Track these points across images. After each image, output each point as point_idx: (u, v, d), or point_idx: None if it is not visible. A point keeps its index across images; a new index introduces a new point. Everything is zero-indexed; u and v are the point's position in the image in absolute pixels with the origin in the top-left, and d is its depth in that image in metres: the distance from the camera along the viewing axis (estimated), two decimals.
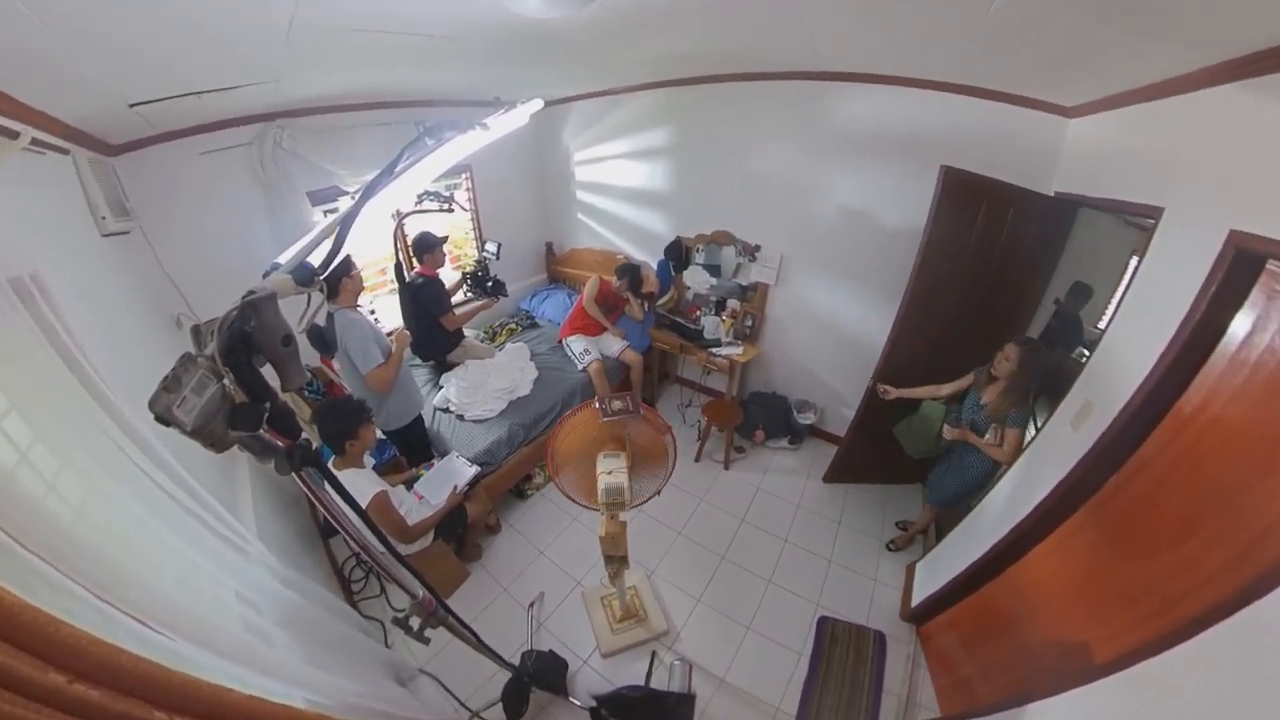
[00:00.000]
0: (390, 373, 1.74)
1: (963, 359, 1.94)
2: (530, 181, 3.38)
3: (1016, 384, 1.51)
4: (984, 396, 1.65)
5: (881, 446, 2.25)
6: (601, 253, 3.28)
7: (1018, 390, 1.51)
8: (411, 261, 2.52)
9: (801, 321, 2.65)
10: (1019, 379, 1.51)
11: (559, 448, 1.36)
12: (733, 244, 2.66)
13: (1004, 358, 1.55)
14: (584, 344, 2.77)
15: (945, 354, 2.03)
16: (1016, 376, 1.51)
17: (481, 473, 2.04)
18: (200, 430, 0.47)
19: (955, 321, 2.02)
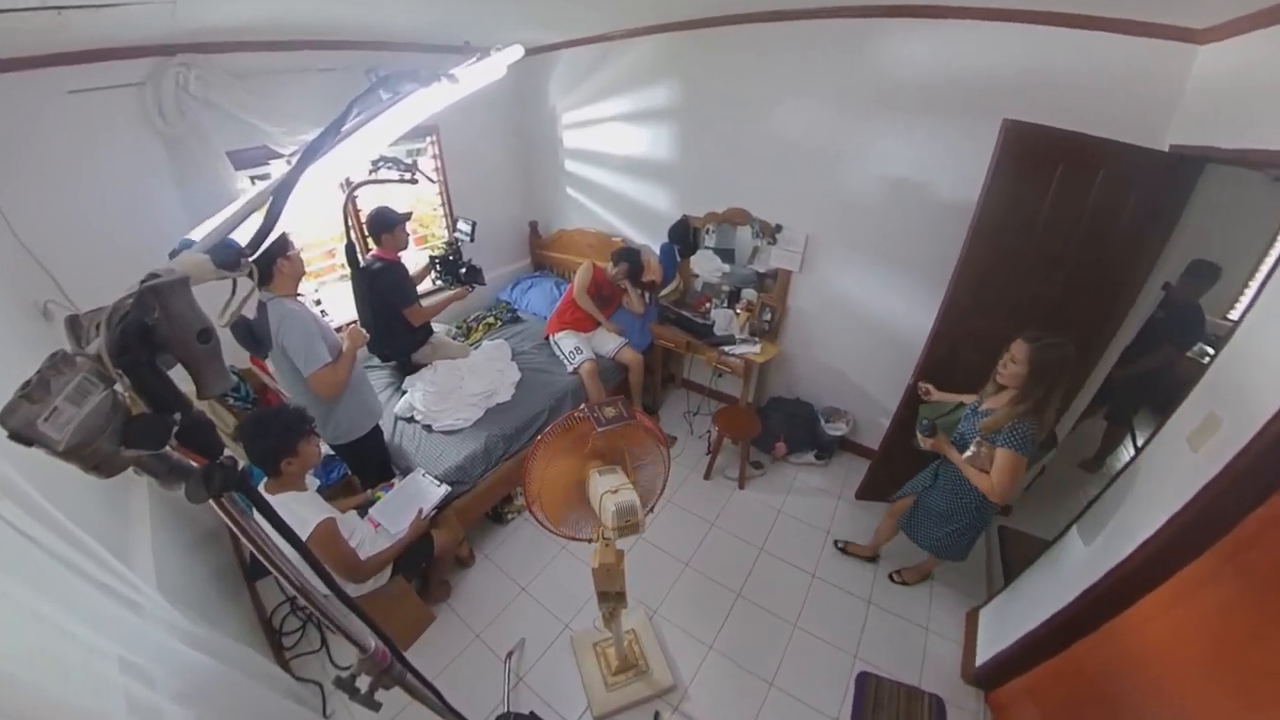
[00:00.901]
0: (340, 374, 1.68)
1: None
2: (510, 149, 3.31)
3: (1029, 392, 1.38)
4: (985, 402, 1.55)
5: (929, 458, 2.24)
6: (595, 235, 3.24)
7: (1030, 400, 1.38)
8: (367, 243, 2.47)
9: (830, 315, 2.60)
10: (1031, 386, 1.38)
11: (542, 472, 1.30)
12: (749, 224, 2.61)
13: (1010, 359, 1.43)
14: (574, 341, 2.75)
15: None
16: (1028, 383, 1.38)
17: (452, 494, 2.00)
18: (79, 450, 0.42)
19: (1019, 312, 1.87)
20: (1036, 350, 1.38)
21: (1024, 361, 1.39)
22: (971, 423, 1.56)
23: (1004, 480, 1.40)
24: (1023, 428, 1.38)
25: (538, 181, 3.49)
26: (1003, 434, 1.41)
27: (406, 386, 2.46)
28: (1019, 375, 1.40)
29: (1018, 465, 1.39)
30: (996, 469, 1.41)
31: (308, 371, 1.62)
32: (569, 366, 2.69)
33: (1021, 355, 1.40)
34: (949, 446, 1.57)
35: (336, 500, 1.88)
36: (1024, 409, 1.38)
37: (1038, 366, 1.37)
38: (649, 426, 1.32)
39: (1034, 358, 1.38)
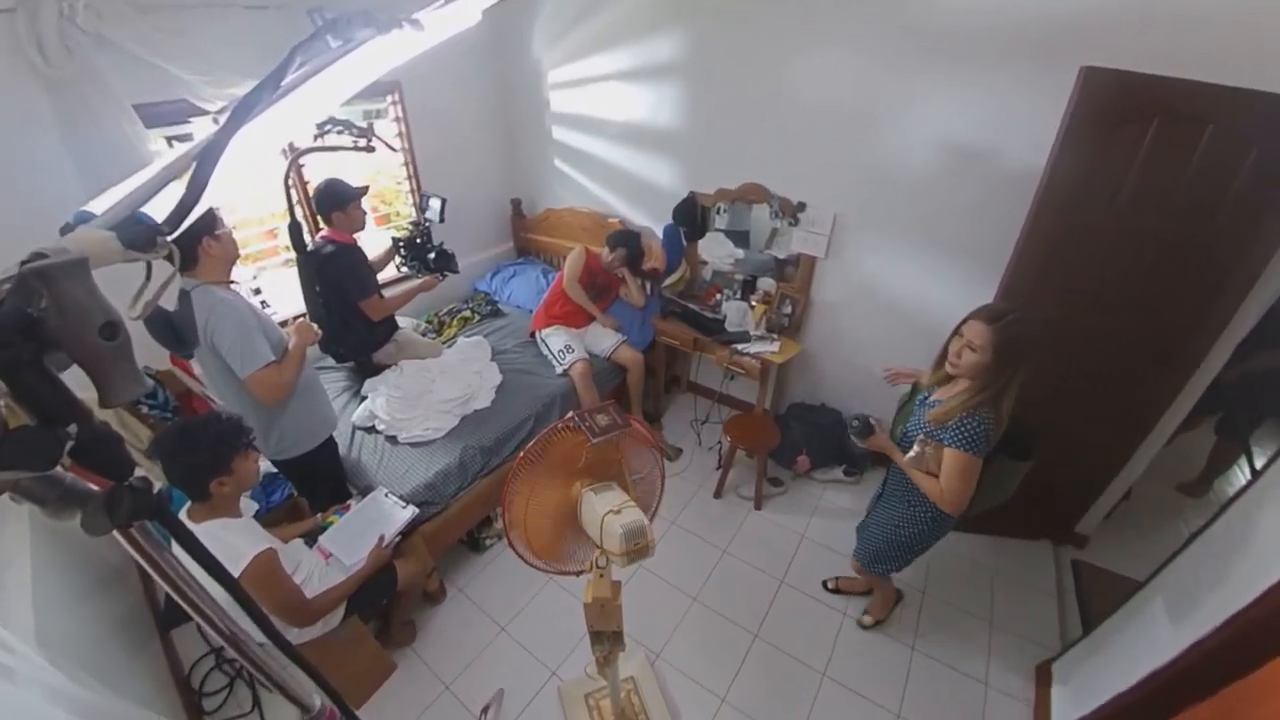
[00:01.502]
0: (286, 375, 1.64)
1: (1111, 358, 1.75)
2: (487, 112, 3.28)
3: (989, 381, 1.32)
4: (934, 391, 1.50)
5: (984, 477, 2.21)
6: (588, 215, 3.22)
7: (989, 390, 1.32)
8: (316, 222, 2.43)
9: (861, 307, 2.56)
10: (994, 375, 1.31)
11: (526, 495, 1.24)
12: (766, 202, 2.58)
13: (965, 345, 1.34)
14: (565, 338, 2.75)
15: (1081, 352, 1.86)
16: (991, 372, 1.31)
17: (420, 517, 1.98)
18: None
19: (1093, 301, 1.79)
20: (1000, 330, 1.29)
21: (985, 348, 1.31)
22: (919, 414, 1.49)
23: (954, 485, 1.34)
24: (974, 422, 1.31)
25: (521, 152, 3.45)
26: (950, 429, 1.34)
27: (367, 391, 2.44)
28: (978, 365, 1.32)
29: (969, 467, 1.33)
30: (945, 473, 1.35)
31: (246, 372, 1.57)
32: (558, 367, 2.68)
33: (982, 340, 1.31)
34: (892, 446, 1.51)
35: (279, 527, 1.84)
36: (979, 399, 1.33)
37: (1004, 350, 1.29)
38: (643, 434, 1.31)
39: (999, 340, 1.29)
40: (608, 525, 1.18)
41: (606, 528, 1.18)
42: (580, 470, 1.30)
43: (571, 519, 1.31)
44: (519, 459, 1.23)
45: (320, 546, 1.78)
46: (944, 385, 1.48)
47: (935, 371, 1.48)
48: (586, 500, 1.26)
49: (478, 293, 3.43)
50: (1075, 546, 2.41)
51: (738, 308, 2.78)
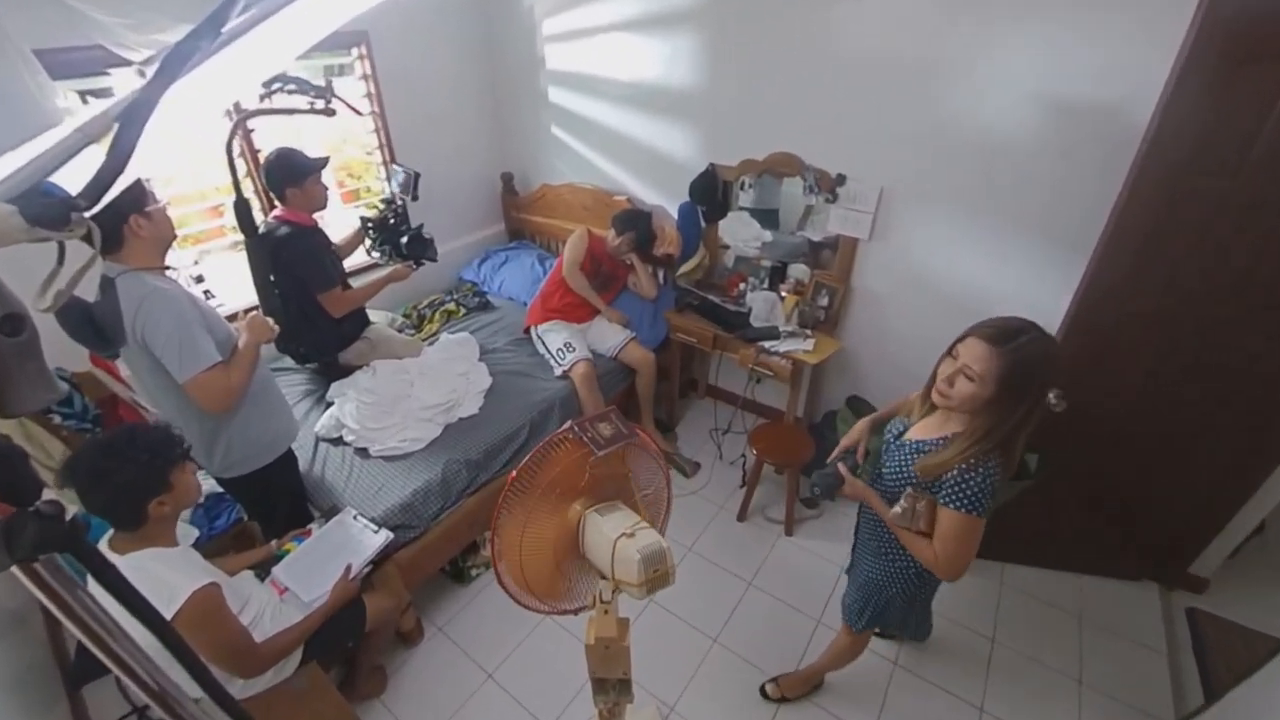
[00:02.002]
0: (234, 378, 1.62)
1: (1232, 357, 1.66)
2: (473, 70, 3.27)
3: (999, 418, 1.22)
4: (914, 426, 1.42)
5: (1068, 502, 2.06)
6: (591, 192, 3.22)
7: (998, 432, 1.23)
8: (269, 198, 2.45)
9: (912, 297, 2.51)
10: (1001, 410, 1.21)
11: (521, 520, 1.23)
12: (800, 175, 2.53)
13: (960, 371, 1.23)
14: (564, 335, 2.75)
15: (1194, 349, 1.77)
16: (995, 411, 1.22)
17: (395, 543, 1.96)
18: None
19: (1210, 291, 1.69)
20: (1008, 356, 1.17)
21: (987, 377, 1.19)
22: (897, 457, 1.40)
23: (952, 550, 1.27)
24: (978, 477, 1.22)
25: (512, 118, 3.44)
26: (948, 485, 1.25)
27: (333, 396, 2.43)
28: (976, 398, 1.22)
29: (971, 530, 1.25)
30: (941, 536, 1.27)
31: (187, 375, 1.54)
32: (557, 369, 2.69)
33: (983, 366, 1.19)
34: (873, 496, 1.43)
35: (224, 558, 1.82)
36: (983, 449, 1.23)
37: (1012, 382, 1.18)
38: (649, 444, 1.31)
39: (1005, 369, 1.18)
40: (621, 551, 1.17)
41: (620, 554, 1.17)
42: (582, 489, 1.28)
43: (572, 547, 1.29)
44: (511, 476, 1.22)
45: (274, 579, 1.75)
46: (925, 419, 1.39)
47: (922, 403, 1.39)
48: (591, 524, 1.24)
49: (463, 282, 3.44)
50: (1190, 591, 2.32)
51: (765, 299, 2.76)
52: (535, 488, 1.23)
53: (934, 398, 1.30)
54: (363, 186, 3.08)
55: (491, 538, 1.24)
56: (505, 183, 3.57)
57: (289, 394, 2.45)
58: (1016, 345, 1.17)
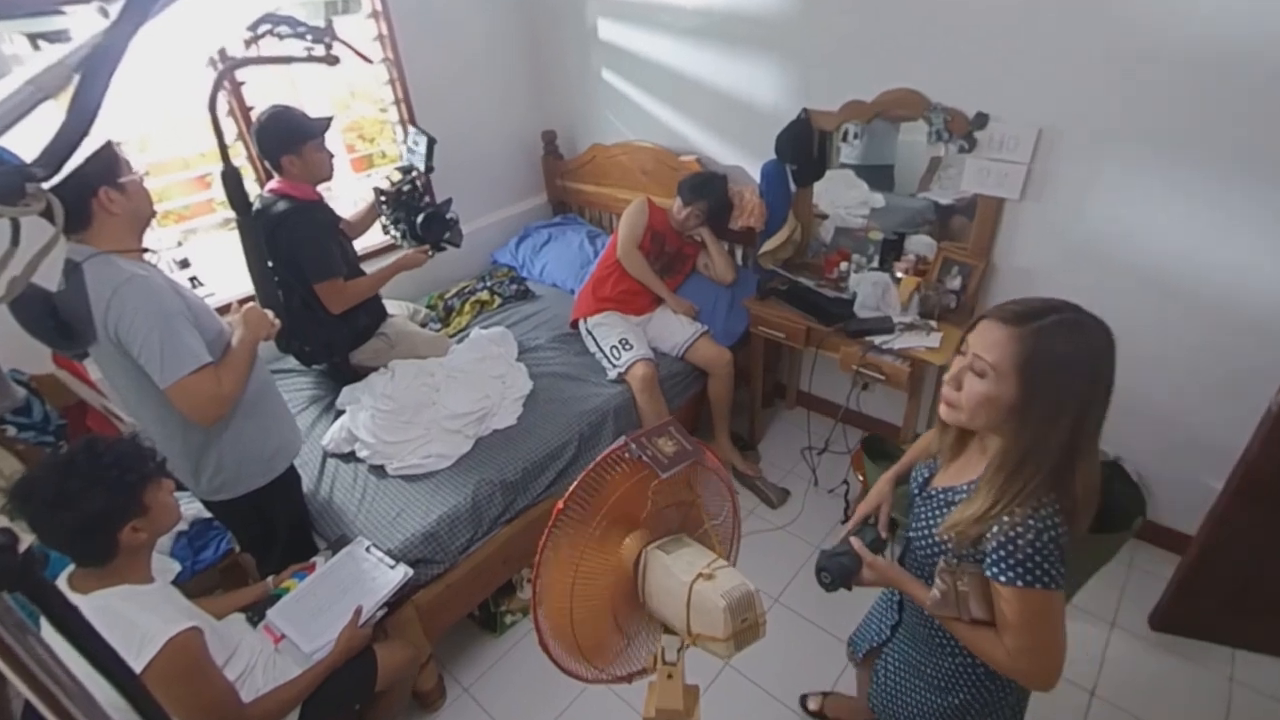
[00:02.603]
0: (226, 384, 1.64)
1: None
2: (506, 6, 3.29)
3: (1030, 437, 1.11)
4: (941, 469, 1.33)
5: None
6: (651, 152, 3.20)
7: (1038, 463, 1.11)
8: (264, 167, 2.44)
9: (1085, 277, 2.38)
10: (1037, 419, 1.11)
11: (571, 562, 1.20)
12: (924, 118, 2.44)
13: (970, 366, 1.16)
14: (620, 330, 2.76)
15: None
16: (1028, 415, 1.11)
17: (414, 581, 1.95)
18: None
19: None
20: (1034, 337, 1.08)
21: (1005, 368, 1.10)
22: (924, 514, 1.31)
23: (1027, 644, 1.13)
24: (1029, 532, 1.09)
25: (554, 63, 3.44)
26: (996, 554, 1.12)
27: (344, 404, 2.46)
28: (992, 401, 1.12)
29: (1045, 613, 1.11)
30: (1006, 625, 1.14)
31: (170, 379, 1.55)
32: (611, 371, 2.69)
33: (998, 354, 1.10)
34: (906, 578, 1.31)
35: (209, 597, 1.81)
36: (1025, 484, 1.10)
37: (1044, 372, 1.08)
38: (713, 461, 1.31)
39: (1030, 355, 1.08)
40: (700, 597, 1.12)
41: (698, 601, 1.13)
42: (644, 520, 1.25)
43: (628, 593, 1.25)
44: (559, 506, 1.19)
45: (269, 625, 1.75)
46: (961, 456, 1.28)
47: (942, 431, 1.30)
48: (655, 564, 1.20)
49: (498, 266, 3.47)
50: None
51: (875, 282, 2.63)
52: (590, 519, 1.20)
53: (940, 411, 1.20)
54: (376, 151, 3.16)
55: (533, 580, 1.21)
56: (547, 144, 3.58)
57: (291, 401, 2.47)
58: (1042, 325, 1.08)
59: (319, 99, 2.70)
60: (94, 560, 1.37)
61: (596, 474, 1.20)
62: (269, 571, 1.94)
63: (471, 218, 3.30)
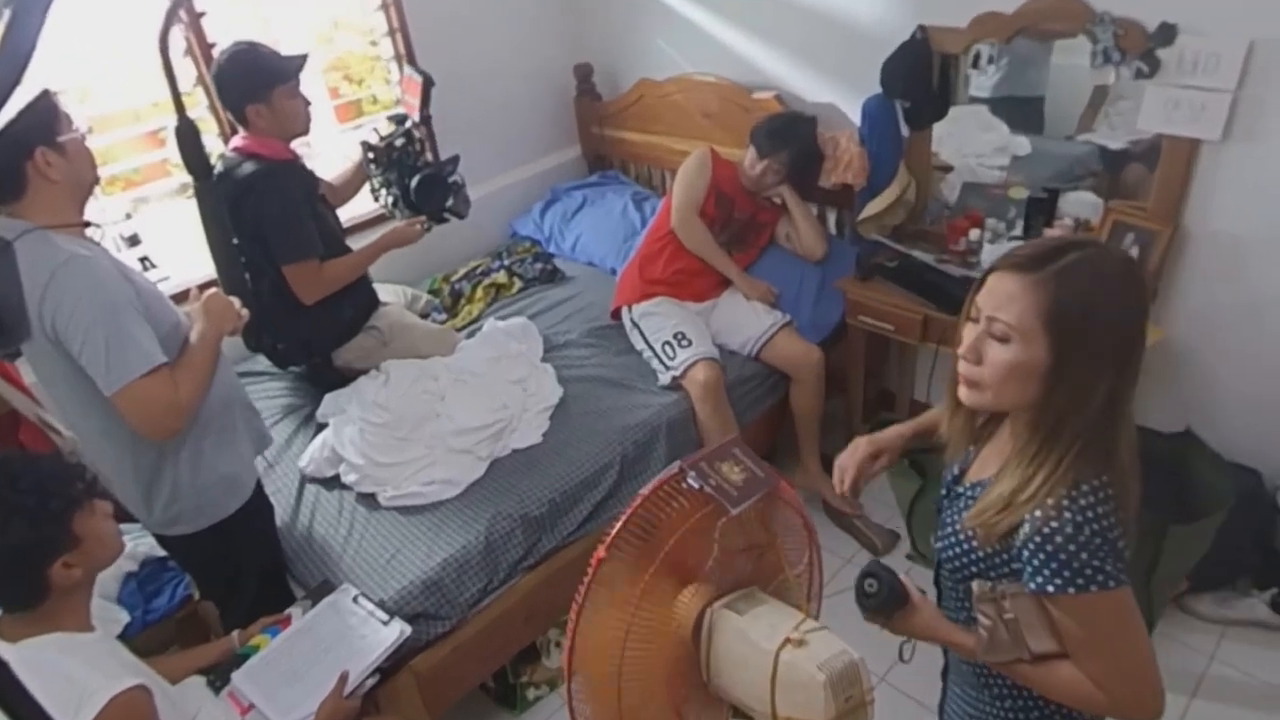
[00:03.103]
0: (185, 389, 1.69)
1: None
2: None
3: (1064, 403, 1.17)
4: (976, 459, 1.39)
5: None
6: (716, 88, 3.23)
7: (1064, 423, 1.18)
8: (226, 120, 2.52)
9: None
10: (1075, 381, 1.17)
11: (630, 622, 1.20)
12: (1084, 33, 2.42)
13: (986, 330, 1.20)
14: (675, 320, 2.78)
15: None
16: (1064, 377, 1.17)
17: (413, 641, 1.98)
18: None
19: None
20: (1058, 280, 1.13)
21: (1030, 324, 1.14)
22: (953, 516, 1.37)
23: (1110, 660, 1.19)
24: (1068, 525, 1.15)
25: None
26: (1032, 559, 1.18)
27: (326, 415, 2.52)
28: (1021, 368, 1.17)
29: (1116, 612, 1.17)
30: (1079, 649, 1.20)
31: (117, 383, 1.60)
32: (664, 373, 2.70)
33: (1021, 309, 1.15)
34: (942, 624, 1.36)
35: (163, 656, 1.84)
36: (1060, 461, 1.17)
37: (1077, 320, 1.14)
38: (790, 497, 1.33)
39: (1057, 302, 1.13)
40: (790, 670, 1.13)
41: (787, 675, 1.13)
42: (708, 571, 1.25)
43: (687, 667, 1.26)
44: (600, 555, 1.19)
45: (234, 691, 1.78)
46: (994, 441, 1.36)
47: (953, 412, 1.38)
48: (725, 627, 1.21)
49: (519, 239, 3.53)
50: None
51: None
52: (640, 570, 1.21)
53: (960, 394, 1.26)
54: (366, 96, 3.22)
55: (568, 641, 1.19)
56: (581, 81, 3.61)
57: (263, 410, 2.51)
58: (1063, 266, 1.13)
59: (296, 33, 2.75)
60: (23, 603, 1.42)
61: (649, 509, 1.20)
62: (234, 625, 1.96)
63: (484, 178, 3.35)
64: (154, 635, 2.14)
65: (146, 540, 2.06)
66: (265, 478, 2.15)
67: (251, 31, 2.37)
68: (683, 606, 1.23)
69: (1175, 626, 2.58)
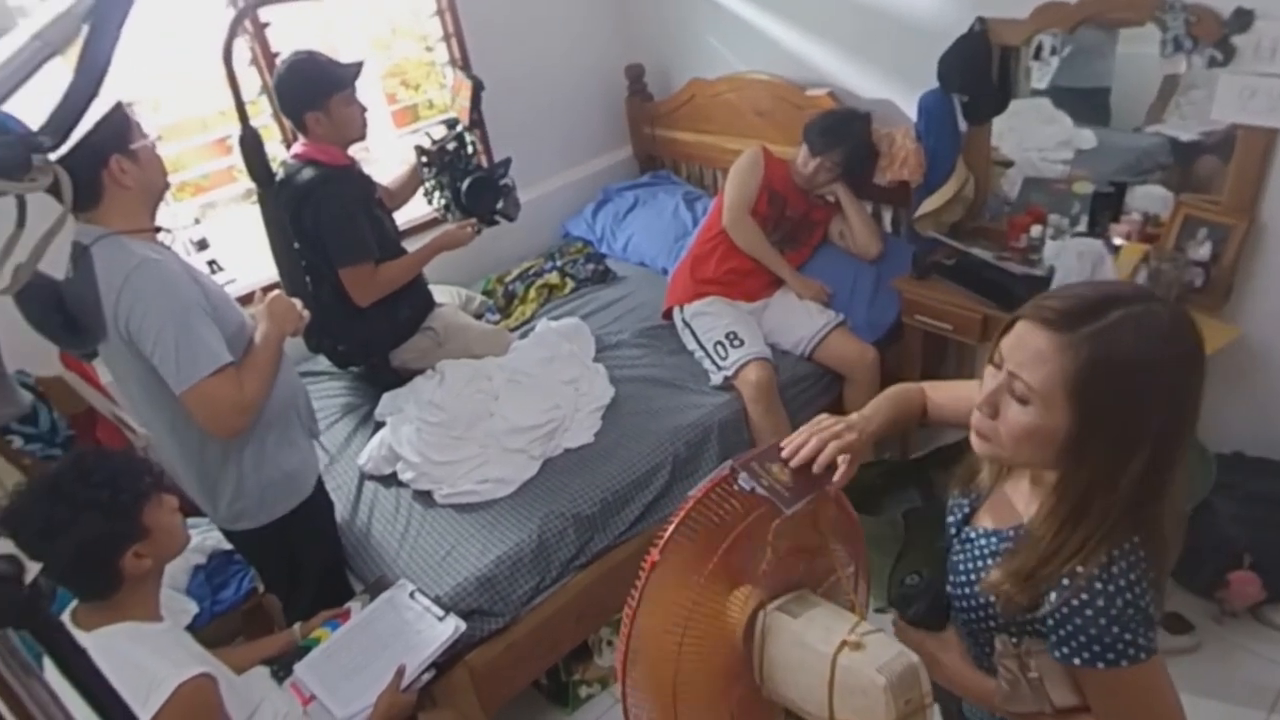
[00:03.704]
0: (250, 388, 1.73)
1: None
2: None
3: (1091, 475, 1.08)
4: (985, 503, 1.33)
5: None
6: (768, 85, 3.22)
7: (1093, 497, 1.09)
8: (285, 130, 2.62)
9: None
10: (1101, 456, 1.07)
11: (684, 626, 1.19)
12: (1154, 20, 2.37)
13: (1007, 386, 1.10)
14: (727, 320, 2.78)
15: None
16: (1088, 451, 1.07)
17: (468, 637, 2.00)
18: None
19: None
20: (1092, 345, 1.01)
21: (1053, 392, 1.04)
22: (965, 567, 1.30)
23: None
24: (1102, 599, 1.08)
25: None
26: (1057, 631, 1.12)
27: (383, 414, 2.57)
28: (1040, 435, 1.08)
29: (1148, 684, 1.13)
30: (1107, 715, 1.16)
31: (186, 382, 1.64)
32: (715, 373, 2.70)
33: (1045, 373, 1.04)
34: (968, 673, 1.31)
35: (230, 646, 1.91)
36: (1095, 538, 1.08)
37: (1109, 397, 1.03)
38: (837, 496, 1.31)
39: (1086, 374, 1.02)
40: (848, 674, 1.11)
41: (846, 679, 1.11)
42: (762, 574, 1.23)
43: (739, 670, 1.25)
44: (653, 558, 1.18)
45: (297, 682, 1.82)
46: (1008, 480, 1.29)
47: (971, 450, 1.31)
48: (779, 630, 1.20)
49: (571, 240, 3.56)
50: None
51: (1082, 251, 2.57)
52: (693, 572, 1.21)
53: (972, 441, 1.18)
54: (422, 100, 3.27)
55: (623, 640, 1.19)
56: (633, 81, 3.63)
57: (323, 410, 2.60)
58: (1100, 328, 1.01)
59: (356, 40, 2.80)
60: (96, 593, 1.48)
61: (703, 509, 1.20)
62: (297, 617, 2.02)
63: (538, 179, 3.39)
64: (221, 626, 2.20)
65: (214, 534, 2.11)
66: (325, 474, 2.19)
67: (313, 40, 2.42)
68: (735, 609, 1.22)
69: (1251, 638, 2.52)
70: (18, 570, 0.59)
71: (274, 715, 1.69)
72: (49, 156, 0.60)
